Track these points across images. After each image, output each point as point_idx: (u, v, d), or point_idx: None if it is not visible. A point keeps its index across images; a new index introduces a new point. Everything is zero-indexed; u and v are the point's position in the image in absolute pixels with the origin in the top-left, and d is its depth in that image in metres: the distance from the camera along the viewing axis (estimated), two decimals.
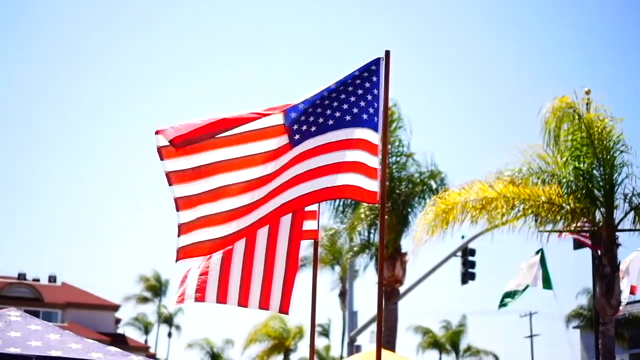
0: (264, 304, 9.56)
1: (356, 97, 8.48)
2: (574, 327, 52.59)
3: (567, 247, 25.33)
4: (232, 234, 8.08)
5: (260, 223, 8.24)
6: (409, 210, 26.56)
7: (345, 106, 8.47)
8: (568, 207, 17.41)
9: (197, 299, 9.59)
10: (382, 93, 8.57)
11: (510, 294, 22.32)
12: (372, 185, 8.36)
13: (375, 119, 8.49)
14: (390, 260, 26.22)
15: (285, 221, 9.40)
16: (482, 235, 25.42)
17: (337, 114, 8.44)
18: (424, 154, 27.17)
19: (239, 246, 9.31)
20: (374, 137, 8.44)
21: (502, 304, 22.42)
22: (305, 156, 8.35)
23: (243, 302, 9.52)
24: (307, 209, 9.48)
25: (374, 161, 8.39)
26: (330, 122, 8.43)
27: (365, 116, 8.47)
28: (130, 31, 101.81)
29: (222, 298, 9.56)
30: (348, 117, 8.45)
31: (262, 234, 9.37)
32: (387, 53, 8.71)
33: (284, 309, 9.57)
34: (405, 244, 26.68)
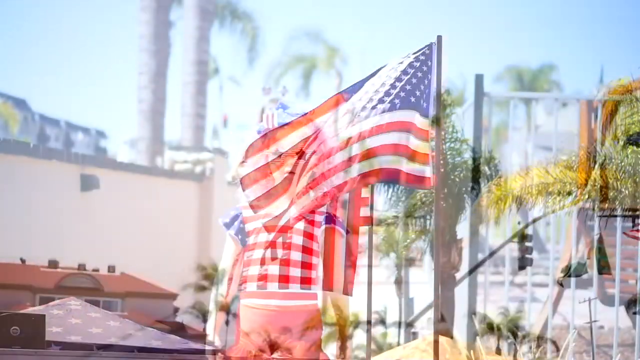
0: (328, 285, 9.73)
1: (417, 80, 8.59)
2: (634, 313, 51.89)
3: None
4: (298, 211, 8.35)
5: (323, 198, 8.41)
6: (465, 196, 26.42)
7: (408, 87, 8.59)
8: (626, 191, 17.20)
9: (259, 287, 9.73)
10: (434, 78, 8.59)
11: (564, 270, 22.24)
12: (426, 171, 8.38)
13: (426, 104, 8.54)
14: (446, 246, 26.10)
15: (342, 204, 9.50)
16: (538, 221, 25.25)
17: (402, 94, 8.55)
18: (478, 139, 26.97)
19: (297, 230, 9.35)
20: (425, 123, 8.50)
21: (560, 280, 22.37)
22: (367, 134, 8.49)
23: (306, 283, 9.60)
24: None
25: (425, 147, 8.42)
26: (397, 101, 8.53)
27: (422, 101, 8.53)
28: None
29: (284, 283, 9.64)
30: (412, 99, 8.53)
31: (320, 217, 9.42)
32: (439, 38, 8.69)
33: (347, 290, 9.75)
34: (461, 229, 26.56)
